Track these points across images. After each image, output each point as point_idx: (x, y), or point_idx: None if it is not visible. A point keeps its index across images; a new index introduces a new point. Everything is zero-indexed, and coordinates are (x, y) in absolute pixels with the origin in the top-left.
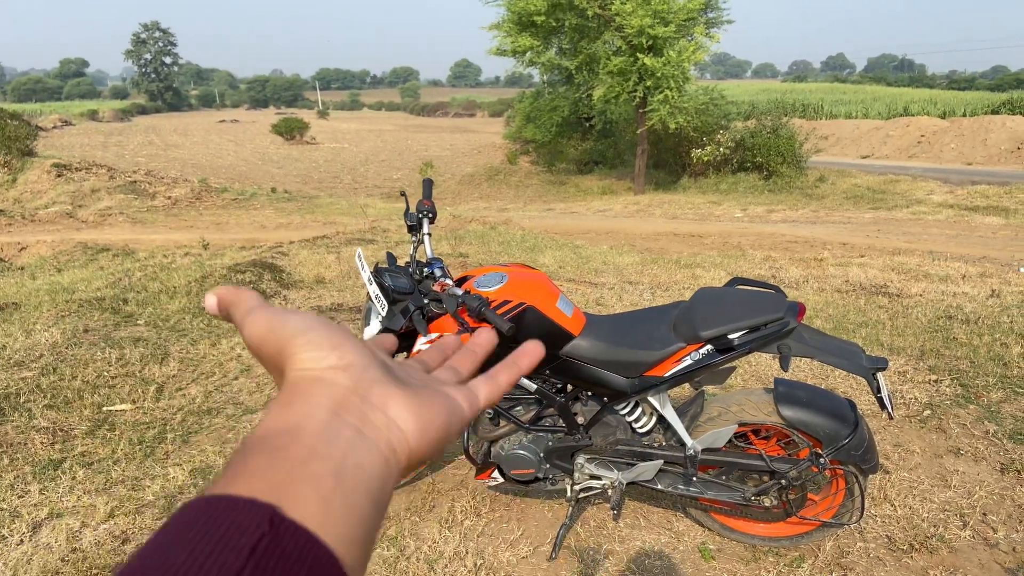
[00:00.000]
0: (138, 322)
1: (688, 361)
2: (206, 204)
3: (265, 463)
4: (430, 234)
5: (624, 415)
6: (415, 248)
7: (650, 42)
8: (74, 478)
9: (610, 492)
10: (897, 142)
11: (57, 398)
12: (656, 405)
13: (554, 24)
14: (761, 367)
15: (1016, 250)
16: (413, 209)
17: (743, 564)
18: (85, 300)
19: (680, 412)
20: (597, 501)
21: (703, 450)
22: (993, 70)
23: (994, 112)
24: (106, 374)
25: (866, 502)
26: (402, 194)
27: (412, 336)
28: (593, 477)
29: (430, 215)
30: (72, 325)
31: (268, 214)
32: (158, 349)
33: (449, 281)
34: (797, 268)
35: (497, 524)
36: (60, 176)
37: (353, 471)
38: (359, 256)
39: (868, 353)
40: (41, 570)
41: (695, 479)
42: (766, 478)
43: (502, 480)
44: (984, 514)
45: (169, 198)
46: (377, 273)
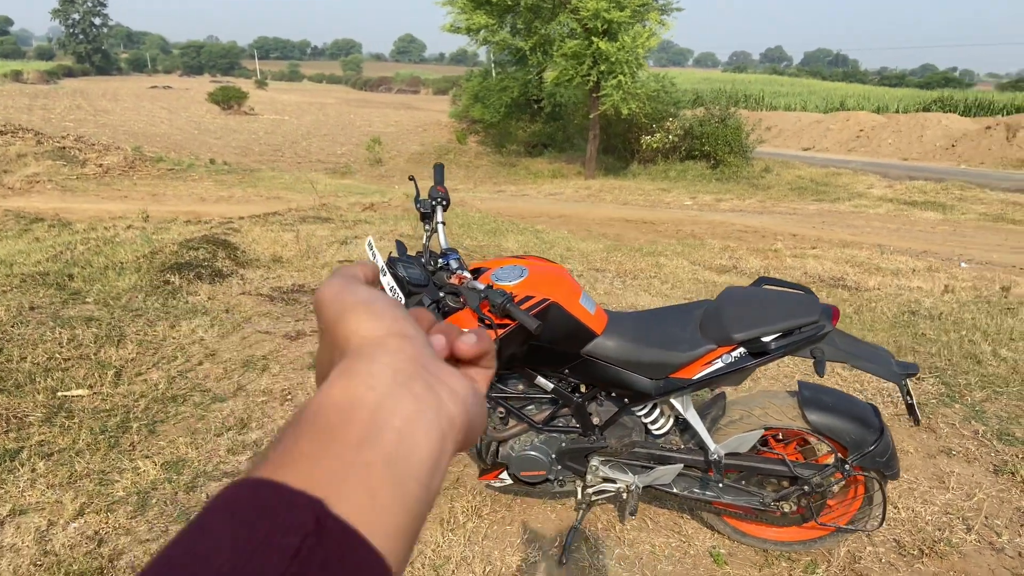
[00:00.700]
0: (87, 300)
1: (719, 364)
2: (140, 174)
3: (316, 447)
4: (443, 222)
5: (641, 417)
6: (428, 238)
7: (605, 26)
8: (34, 470)
9: (625, 496)
10: (837, 136)
11: (7, 382)
12: (679, 408)
13: (509, 3)
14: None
15: (955, 245)
16: (424, 195)
17: (756, 569)
18: (27, 275)
19: (702, 415)
20: (602, 502)
21: (726, 454)
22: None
23: (925, 109)
24: (58, 356)
25: (887, 509)
26: (411, 179)
27: None
28: (607, 480)
29: (444, 202)
30: (16, 302)
31: (207, 186)
32: (113, 330)
33: (467, 274)
34: (756, 259)
35: (500, 526)
36: None
37: (406, 455)
38: (370, 244)
39: (897, 359)
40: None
41: (712, 483)
42: (786, 483)
43: (510, 481)
44: (987, 518)
45: (100, 166)
46: (391, 264)
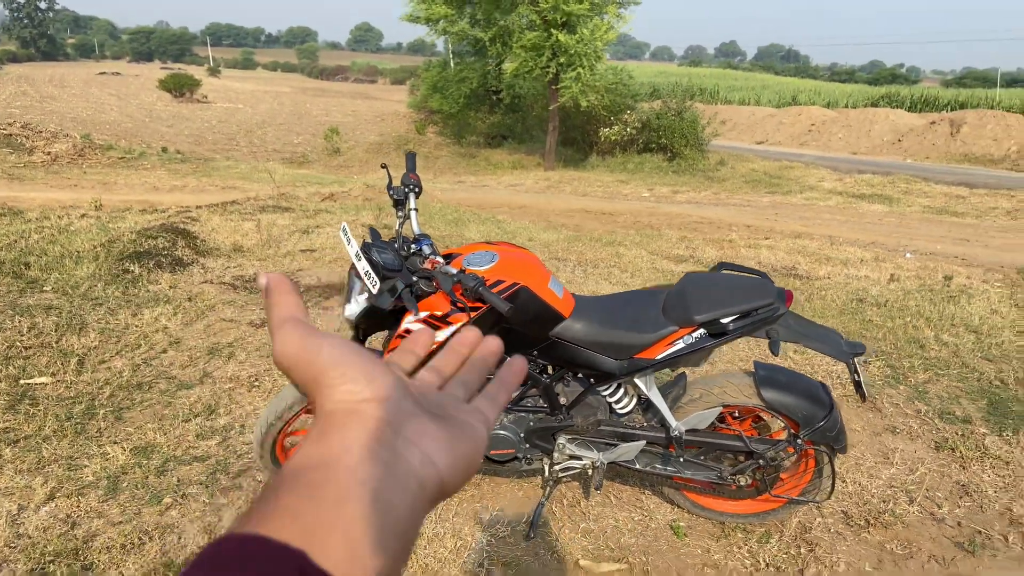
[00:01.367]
0: (45, 289)
1: (680, 344)
2: (90, 162)
3: (298, 502)
4: (416, 209)
5: (606, 396)
6: (401, 224)
7: (564, 18)
8: (1, 456)
9: (591, 472)
10: (789, 130)
11: None
12: (642, 387)
13: None
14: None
15: (901, 236)
16: (397, 183)
17: (713, 540)
18: None
19: (664, 394)
20: (567, 480)
21: (687, 431)
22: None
23: (873, 104)
24: (19, 344)
25: (836, 482)
26: (383, 166)
27: (398, 313)
28: (573, 457)
29: (416, 189)
30: None
31: (160, 175)
32: (73, 318)
33: (440, 259)
34: (712, 249)
35: (470, 504)
36: None
37: (382, 514)
38: (345, 230)
39: (846, 339)
40: None
41: (673, 459)
42: (743, 458)
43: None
44: (928, 490)
45: (49, 154)
46: (365, 249)
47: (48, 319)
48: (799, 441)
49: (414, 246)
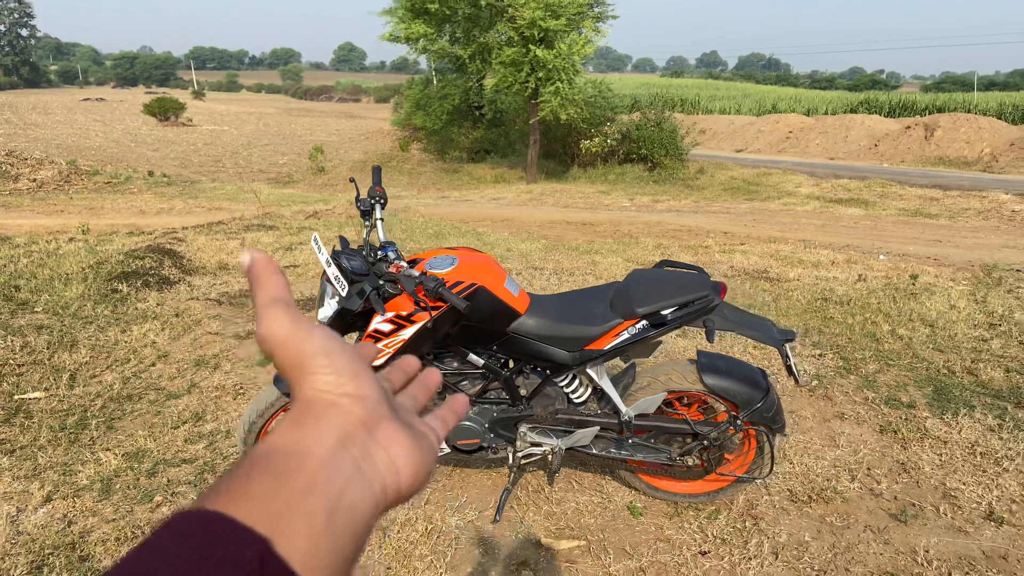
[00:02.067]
0: (36, 309)
1: (625, 335)
2: (76, 188)
3: (267, 488)
4: (382, 219)
5: (563, 387)
6: (368, 232)
7: (542, 34)
8: None
9: (550, 458)
10: (768, 137)
11: None
12: (594, 377)
13: (447, 12)
14: (678, 342)
15: (875, 239)
16: (364, 195)
17: (667, 519)
18: None
19: (614, 382)
20: (533, 468)
21: (636, 416)
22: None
23: (852, 111)
24: (12, 362)
25: (775, 459)
26: (352, 180)
27: (368, 317)
28: (534, 444)
29: (381, 201)
30: None
31: (147, 199)
32: (64, 336)
33: (403, 263)
34: (686, 254)
35: (441, 492)
36: None
37: (345, 511)
38: (315, 240)
39: (778, 326)
40: None
41: (626, 443)
42: (689, 440)
43: (448, 451)
44: (869, 469)
45: (34, 180)
46: (335, 256)
47: (40, 338)
48: (739, 422)
49: (380, 252)
